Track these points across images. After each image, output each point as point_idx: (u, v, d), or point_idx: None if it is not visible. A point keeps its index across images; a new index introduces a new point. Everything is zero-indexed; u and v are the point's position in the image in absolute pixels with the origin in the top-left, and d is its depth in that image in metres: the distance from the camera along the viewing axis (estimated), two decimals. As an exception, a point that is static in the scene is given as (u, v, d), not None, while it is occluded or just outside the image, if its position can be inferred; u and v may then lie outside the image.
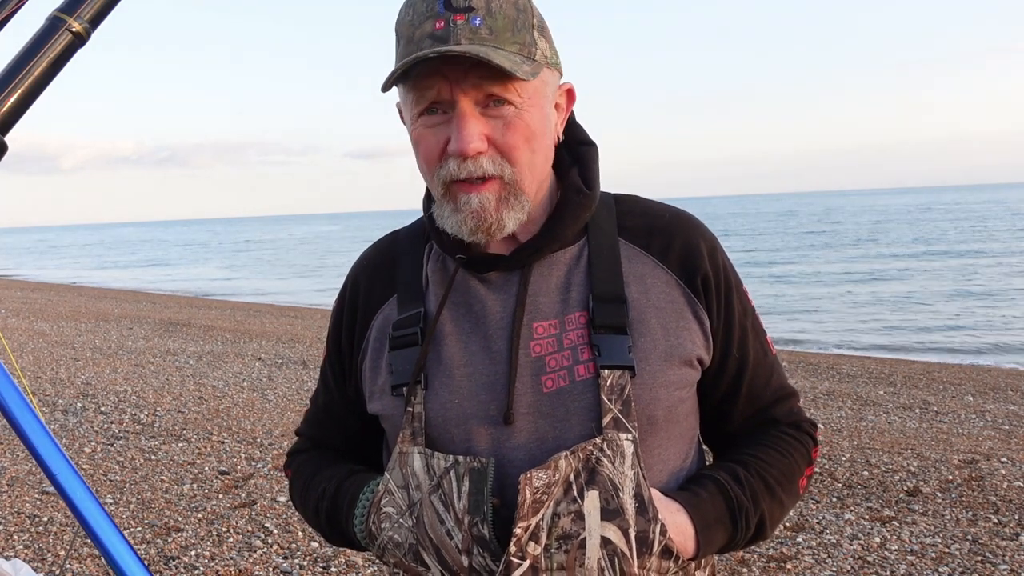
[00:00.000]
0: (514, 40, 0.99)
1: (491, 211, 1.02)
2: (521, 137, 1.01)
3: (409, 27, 1.00)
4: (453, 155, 1.00)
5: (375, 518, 1.07)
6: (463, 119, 0.99)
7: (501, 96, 0.99)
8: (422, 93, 1.00)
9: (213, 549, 4.09)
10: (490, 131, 1.00)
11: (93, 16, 0.84)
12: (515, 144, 1.01)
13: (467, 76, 0.98)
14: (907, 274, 23.26)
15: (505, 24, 0.99)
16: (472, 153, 0.99)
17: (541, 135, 1.04)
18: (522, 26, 1.00)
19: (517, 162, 1.02)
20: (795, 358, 10.14)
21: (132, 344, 10.88)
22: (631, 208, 1.16)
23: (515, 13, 1.00)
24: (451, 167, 1.01)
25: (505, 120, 1.00)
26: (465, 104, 0.99)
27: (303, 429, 1.32)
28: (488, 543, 0.98)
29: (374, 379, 1.14)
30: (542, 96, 1.04)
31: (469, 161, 1.00)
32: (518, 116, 1.01)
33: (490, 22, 0.98)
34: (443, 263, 1.14)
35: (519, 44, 0.99)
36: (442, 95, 1.00)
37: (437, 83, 0.99)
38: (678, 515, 1.02)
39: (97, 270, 40.13)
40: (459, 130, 0.99)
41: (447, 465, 1.01)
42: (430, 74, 0.98)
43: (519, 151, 1.01)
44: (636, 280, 1.09)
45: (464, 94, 0.99)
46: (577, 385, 1.03)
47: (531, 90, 1.01)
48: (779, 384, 1.19)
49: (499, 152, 1.01)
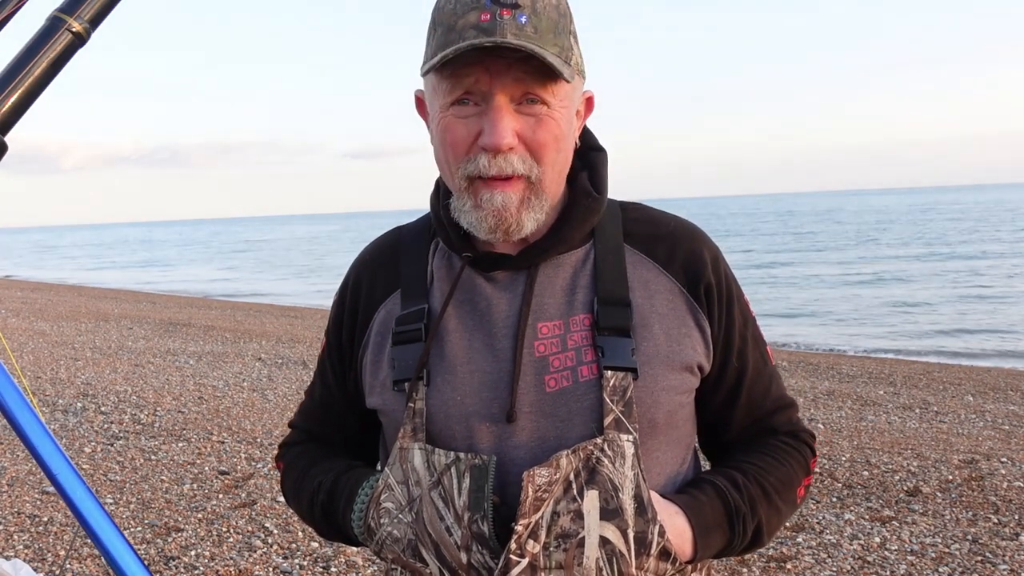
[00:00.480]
0: (555, 43, 0.99)
1: (512, 211, 1.02)
2: (551, 136, 1.02)
3: (451, 15, 0.99)
4: (485, 149, 1.00)
5: (374, 513, 1.07)
6: (499, 112, 0.99)
7: (537, 95, 1.00)
8: (459, 81, 1.00)
9: (213, 549, 4.09)
10: (521, 128, 1.01)
11: (93, 16, 0.84)
12: (545, 143, 1.01)
13: (509, 70, 0.98)
14: (907, 274, 23.25)
15: (548, 25, 0.99)
16: (505, 147, 0.99)
17: (566, 137, 1.05)
18: (562, 30, 1.01)
19: (544, 161, 1.02)
20: (795, 358, 10.14)
21: (132, 344, 10.88)
22: (637, 216, 1.16)
23: (557, 16, 1.00)
24: (481, 163, 1.01)
25: (537, 118, 1.01)
26: (501, 98, 0.99)
27: (297, 421, 1.32)
28: (487, 540, 0.98)
29: (375, 374, 1.14)
30: (571, 100, 1.05)
31: (500, 157, 1.00)
32: (549, 116, 1.01)
33: (535, 21, 0.98)
34: (449, 260, 1.14)
35: (559, 47, 1.00)
36: (479, 86, 1.00)
37: (477, 73, 0.99)
38: (676, 517, 1.02)
39: (97, 270, 40.14)
40: (494, 123, 0.99)
41: (448, 461, 1.01)
42: (472, 64, 0.98)
43: (548, 150, 1.02)
44: (640, 285, 1.10)
45: (503, 88, 0.99)
46: (580, 385, 1.04)
47: (564, 93, 1.02)
48: (778, 394, 1.19)
49: (528, 150, 1.01)
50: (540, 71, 0.98)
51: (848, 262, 27.62)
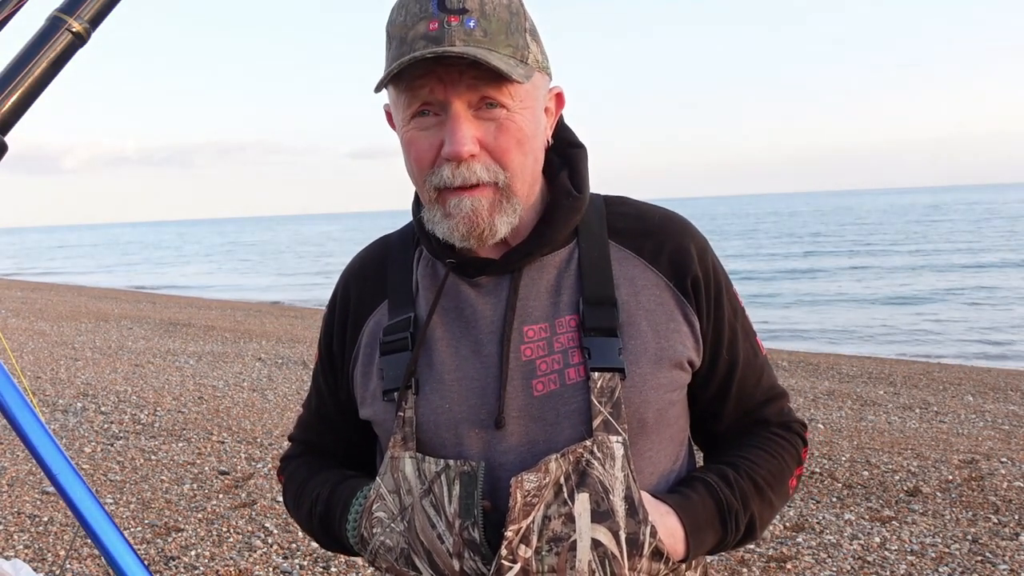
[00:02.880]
0: (508, 43, 0.99)
1: (483, 215, 1.01)
2: (513, 140, 1.01)
3: (402, 28, 0.99)
4: (447, 159, 1.00)
5: (367, 523, 1.07)
6: (456, 121, 0.99)
7: (494, 99, 0.99)
8: (415, 94, 1.00)
9: (213, 549, 4.09)
10: (482, 134, 1.00)
11: (93, 16, 0.84)
12: (507, 147, 1.01)
13: (461, 78, 0.98)
14: (908, 274, 23.25)
15: (499, 27, 0.99)
16: (466, 155, 0.99)
17: (532, 138, 1.04)
18: (515, 29, 1.00)
19: (509, 166, 1.01)
20: (795, 358, 10.13)
21: (132, 344, 10.87)
22: (621, 210, 1.16)
23: (508, 16, 1.00)
24: (445, 174, 1.01)
25: (497, 123, 1.00)
26: (459, 106, 0.99)
27: (296, 434, 1.32)
28: (479, 547, 0.98)
29: (365, 384, 1.14)
30: (534, 99, 1.04)
31: (463, 167, 1.00)
32: (510, 119, 1.01)
33: (484, 24, 0.98)
34: (433, 268, 1.14)
35: (512, 47, 1.00)
36: (435, 96, 0.99)
37: (430, 84, 0.99)
38: (668, 517, 1.02)
39: (97, 270, 40.13)
40: (452, 132, 0.99)
41: (438, 469, 1.01)
42: (424, 75, 0.98)
43: (511, 154, 1.01)
44: (626, 283, 1.09)
45: (458, 96, 0.99)
46: (567, 388, 1.03)
47: (523, 93, 1.01)
48: (769, 384, 1.19)
49: (492, 156, 1.01)
50: (492, 75, 0.97)
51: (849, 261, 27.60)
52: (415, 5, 0.99)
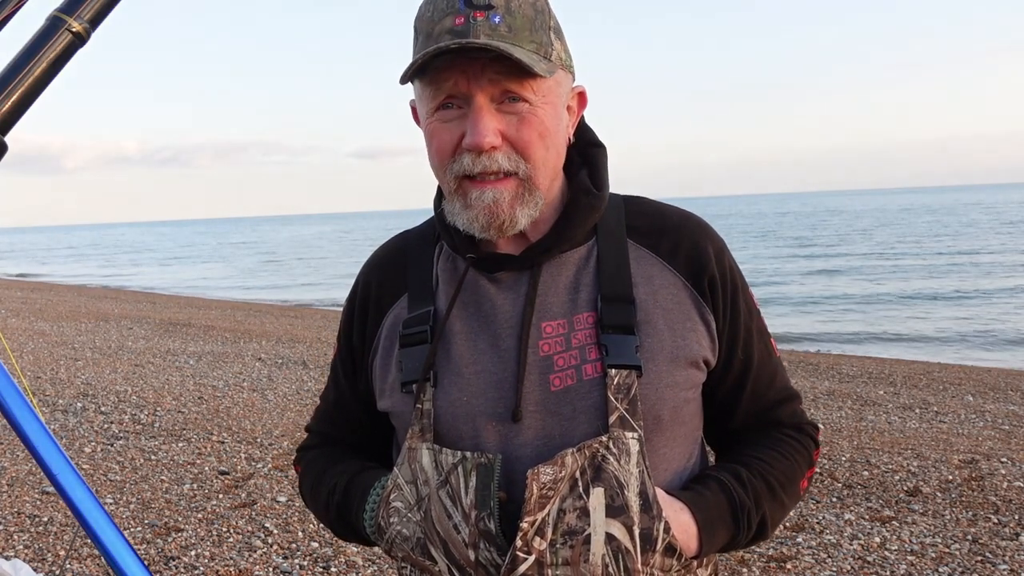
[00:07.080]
0: (532, 39, 1.01)
1: (504, 207, 1.03)
2: (535, 133, 1.02)
3: (428, 23, 1.01)
4: (468, 149, 1.01)
5: (384, 513, 1.09)
6: (478, 113, 1.00)
7: (517, 93, 1.01)
8: (439, 87, 1.02)
9: (213, 549, 4.09)
10: (504, 127, 1.01)
11: (93, 16, 0.84)
12: (529, 139, 1.02)
13: (484, 71, 0.99)
14: (908, 274, 23.25)
15: (524, 23, 1.00)
16: (487, 147, 1.00)
17: (554, 133, 1.05)
18: (540, 26, 1.02)
19: (531, 158, 1.03)
20: (795, 358, 10.14)
21: (132, 344, 10.87)
22: (640, 210, 1.17)
23: (533, 13, 1.02)
24: (465, 162, 1.02)
25: (519, 116, 1.02)
26: (481, 99, 1.00)
27: (313, 425, 1.34)
28: (494, 538, 0.99)
29: (384, 376, 1.16)
30: (556, 96, 1.05)
31: (484, 156, 1.01)
32: (532, 113, 1.02)
33: (509, 20, 0.99)
34: (453, 263, 1.16)
35: (536, 43, 1.01)
36: (459, 88, 1.01)
37: (454, 77, 1.00)
38: (682, 514, 1.03)
39: (98, 270, 40.13)
40: (474, 124, 1.00)
41: (455, 461, 1.03)
42: (448, 68, 1.00)
43: (533, 146, 1.03)
44: (644, 281, 1.10)
45: (481, 89, 1.00)
46: (584, 384, 1.05)
47: (546, 88, 1.03)
48: (782, 386, 1.20)
49: (513, 148, 1.02)
50: (515, 69, 0.98)
51: (849, 260, 27.60)
52: (443, 1, 1.01)
